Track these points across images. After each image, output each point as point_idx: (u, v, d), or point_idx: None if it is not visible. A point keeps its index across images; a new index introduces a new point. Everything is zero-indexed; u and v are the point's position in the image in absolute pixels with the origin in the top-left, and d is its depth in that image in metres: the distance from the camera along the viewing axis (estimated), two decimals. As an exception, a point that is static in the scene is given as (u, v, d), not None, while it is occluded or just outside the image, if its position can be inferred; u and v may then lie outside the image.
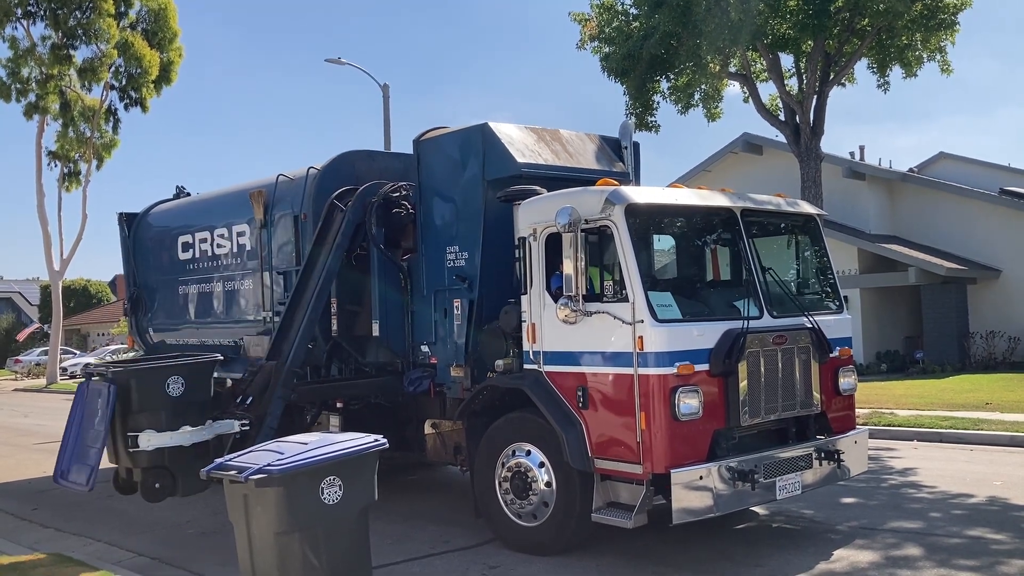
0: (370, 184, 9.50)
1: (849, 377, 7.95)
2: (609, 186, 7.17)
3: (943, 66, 19.14)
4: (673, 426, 6.73)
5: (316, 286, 9.18)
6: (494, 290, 8.48)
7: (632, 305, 6.81)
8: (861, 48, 19.05)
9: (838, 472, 7.68)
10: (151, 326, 13.25)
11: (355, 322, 9.75)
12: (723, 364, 6.91)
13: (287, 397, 8.99)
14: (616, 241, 6.95)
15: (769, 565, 7.09)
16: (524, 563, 7.32)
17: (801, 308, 7.64)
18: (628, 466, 6.89)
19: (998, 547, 7.45)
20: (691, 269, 7.93)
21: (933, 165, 32.35)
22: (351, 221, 9.27)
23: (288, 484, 5.51)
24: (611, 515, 7.00)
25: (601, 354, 7.04)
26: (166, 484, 7.75)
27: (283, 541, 5.57)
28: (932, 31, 18.24)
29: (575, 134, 9.09)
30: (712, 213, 7.56)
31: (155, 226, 13.29)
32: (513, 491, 7.64)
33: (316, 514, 5.64)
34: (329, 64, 29.12)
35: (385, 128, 29.00)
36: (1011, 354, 23.97)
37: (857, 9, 17.86)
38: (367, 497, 5.99)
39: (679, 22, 17.57)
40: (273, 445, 6.09)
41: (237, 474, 5.56)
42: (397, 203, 9.33)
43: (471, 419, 8.17)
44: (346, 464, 5.79)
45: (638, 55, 18.26)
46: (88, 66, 33.05)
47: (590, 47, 19.90)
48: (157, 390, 7.74)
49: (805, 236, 8.28)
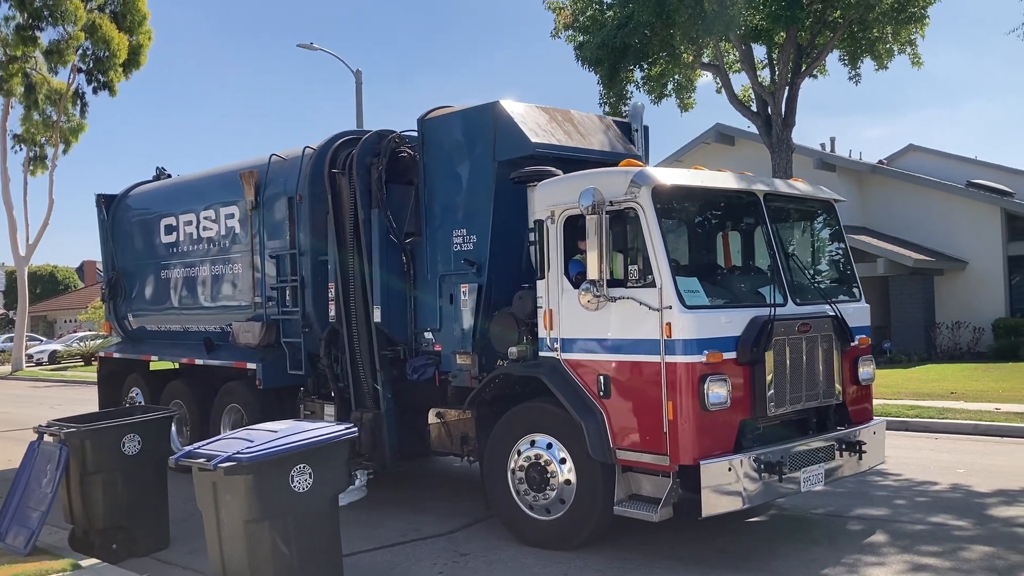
0: (363, 142, 8.93)
1: (868, 367, 7.63)
2: (633, 167, 6.75)
3: (913, 59, 19.25)
4: (701, 416, 6.35)
5: (366, 259, 8.75)
6: (503, 275, 8.03)
7: (659, 291, 6.40)
8: (833, 40, 19.02)
9: (858, 463, 7.36)
10: (130, 312, 12.58)
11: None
12: (751, 352, 6.54)
13: (391, 377, 8.71)
14: (642, 224, 6.53)
15: (731, 551, 6.93)
16: (495, 550, 7.16)
17: (824, 296, 7.29)
18: (653, 457, 6.50)
19: (960, 533, 7.43)
20: (714, 254, 7.53)
21: (902, 157, 32.44)
22: (363, 190, 8.76)
23: (258, 472, 5.43)
24: (634, 508, 6.61)
25: (625, 341, 6.63)
26: (124, 543, 7.36)
27: (252, 529, 5.49)
28: (902, 24, 18.32)
29: (586, 115, 8.65)
30: (736, 196, 7.18)
31: (135, 208, 12.61)
32: (528, 483, 7.22)
33: (286, 502, 5.57)
34: (301, 49, 28.45)
35: (358, 115, 28.34)
36: (975, 344, 24.09)
37: (829, 1, 17.85)
38: (338, 485, 5.97)
39: (653, 12, 17.45)
40: (243, 433, 6.00)
41: (206, 462, 5.48)
42: (399, 155, 8.82)
43: (481, 408, 7.73)
44: (316, 452, 5.72)
45: (612, 44, 18.09)
46: (54, 48, 31.78)
47: (564, 36, 19.72)
48: (112, 450, 7.26)
49: (823, 222, 7.93)
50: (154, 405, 9.95)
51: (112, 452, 7.20)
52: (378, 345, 8.81)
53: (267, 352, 9.96)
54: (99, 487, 7.17)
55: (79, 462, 7.11)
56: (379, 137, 8.96)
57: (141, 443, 7.32)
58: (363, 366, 8.93)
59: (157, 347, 12.07)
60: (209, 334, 11.03)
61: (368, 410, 8.86)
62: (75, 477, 7.14)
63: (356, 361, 9.01)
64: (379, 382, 8.77)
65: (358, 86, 28.18)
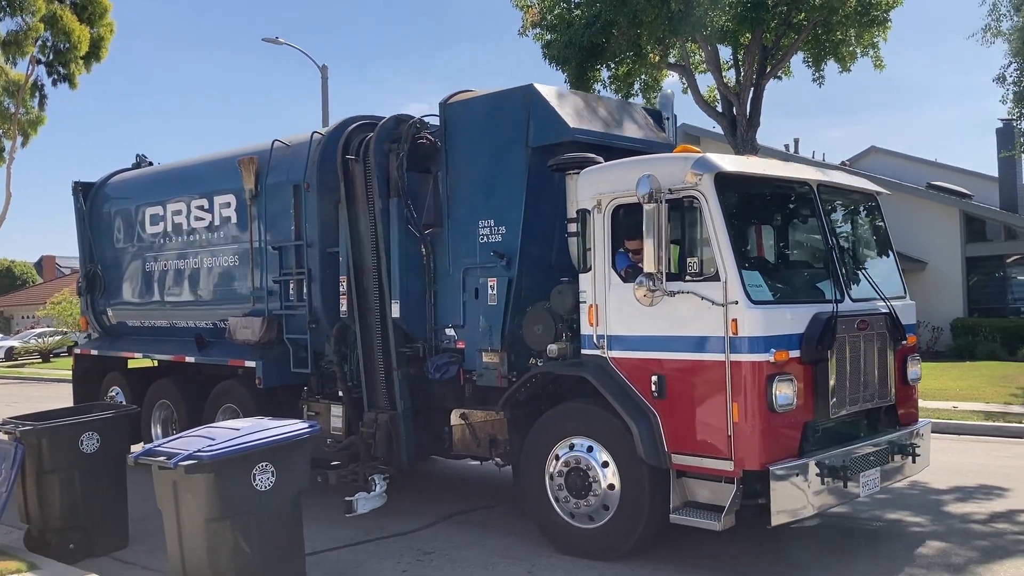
0: (381, 126, 8.32)
1: (916, 366, 7.26)
2: (691, 152, 6.27)
3: (876, 61, 19.38)
4: (768, 418, 5.89)
5: (382, 251, 8.18)
6: (534, 268, 7.52)
7: (724, 285, 5.93)
8: (797, 42, 19.05)
9: (909, 467, 6.98)
10: (110, 307, 11.75)
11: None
12: (815, 351, 6.11)
13: (409, 376, 8.16)
14: (705, 213, 6.05)
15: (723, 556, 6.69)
16: (460, 548, 7.04)
17: (878, 292, 6.90)
18: (714, 462, 6.02)
19: (918, 529, 7.40)
20: (772, 246, 7.10)
21: (864, 158, 32.62)
22: (381, 178, 8.14)
23: (219, 470, 5.36)
24: (694, 516, 6.11)
25: (684, 339, 6.14)
26: (82, 543, 7.07)
27: (214, 528, 5.43)
28: (866, 27, 18.45)
29: (616, 101, 8.20)
30: (793, 185, 6.74)
31: (116, 197, 11.78)
32: (568, 489, 6.70)
33: (248, 501, 5.50)
34: (267, 44, 27.56)
35: (323, 109, 27.56)
36: (934, 343, 24.23)
37: (794, 3, 17.87)
38: (300, 483, 5.88)
39: (620, 11, 17.39)
40: (204, 431, 5.93)
41: (166, 460, 5.39)
42: (418, 142, 8.17)
43: (514, 410, 7.19)
44: (279, 450, 5.66)
45: (579, 43, 17.97)
46: (13, 39, 30.27)
47: (532, 34, 19.57)
48: (70, 448, 7.02)
49: (868, 215, 7.54)
50: (123, 404, 9.20)
51: (69, 450, 7.00)
52: (396, 342, 8.21)
53: (267, 349, 9.29)
54: (56, 486, 6.96)
55: (35, 460, 6.90)
56: (397, 122, 8.36)
57: (100, 441, 7.11)
58: (378, 364, 8.32)
59: (140, 344, 11.27)
60: (200, 330, 10.29)
61: (383, 411, 8.25)
62: (31, 476, 6.94)
63: (371, 359, 8.39)
64: (396, 381, 8.18)
65: (324, 81, 27.50)
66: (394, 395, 8.19)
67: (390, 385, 8.23)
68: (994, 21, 19.55)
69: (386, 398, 8.25)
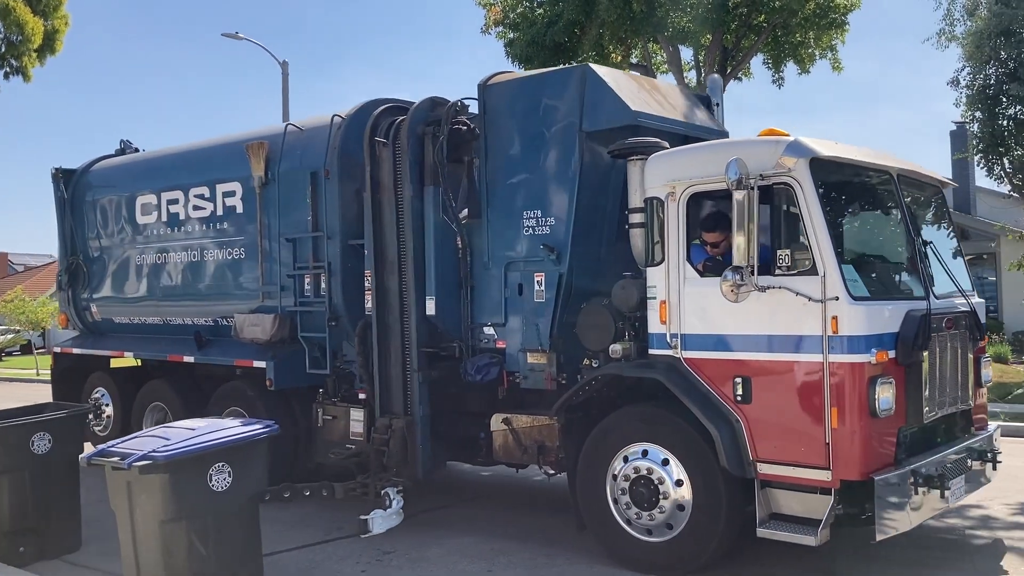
0: (416, 108, 7.67)
1: (988, 368, 6.86)
2: (781, 136, 5.76)
3: (834, 64, 19.61)
4: (870, 424, 5.41)
5: (408, 243, 7.53)
6: (585, 262, 6.96)
7: (822, 279, 5.42)
8: (757, 44, 19.11)
9: (989, 474, 6.57)
10: (94, 302, 10.87)
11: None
12: (911, 351, 5.65)
13: (429, 379, 7.52)
14: (799, 202, 5.54)
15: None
16: (420, 548, 6.91)
17: (959, 287, 6.47)
18: (807, 471, 5.51)
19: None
20: (860, 237, 6.62)
21: (823, 160, 32.61)
22: (413, 162, 7.49)
23: (174, 471, 5.27)
24: (786, 530, 5.59)
25: (774, 338, 5.62)
26: (33, 545, 6.85)
27: (168, 529, 5.33)
28: (824, 30, 18.64)
29: (668, 84, 7.65)
30: (880, 174, 6.26)
31: (101, 185, 10.89)
32: (633, 500, 6.15)
33: (204, 501, 5.41)
34: (226, 39, 26.64)
35: (284, 106, 26.75)
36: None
37: (754, 5, 17.91)
38: (258, 484, 5.80)
39: (583, 11, 17.37)
40: (159, 431, 5.83)
41: (120, 460, 5.28)
42: (458, 131, 7.51)
43: (569, 415, 6.62)
44: (236, 450, 5.57)
45: (542, 42, 17.87)
46: (-38, 31, 28.86)
47: (495, 32, 19.44)
48: (20, 449, 6.77)
49: (936, 208, 7.12)
50: (80, 405, 8.39)
51: (20, 451, 6.77)
52: (418, 341, 7.58)
53: (279, 349, 8.57)
54: (5, 488, 6.76)
55: None
56: (433, 104, 7.70)
57: (52, 442, 6.89)
58: (395, 365, 7.68)
59: (130, 342, 10.42)
60: (198, 328, 9.52)
61: (398, 416, 7.63)
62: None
63: (387, 360, 7.74)
64: (416, 384, 7.54)
65: (284, 77, 26.69)
66: (412, 399, 7.55)
67: (408, 389, 7.58)
68: (948, 26, 19.73)
69: (402, 403, 7.60)
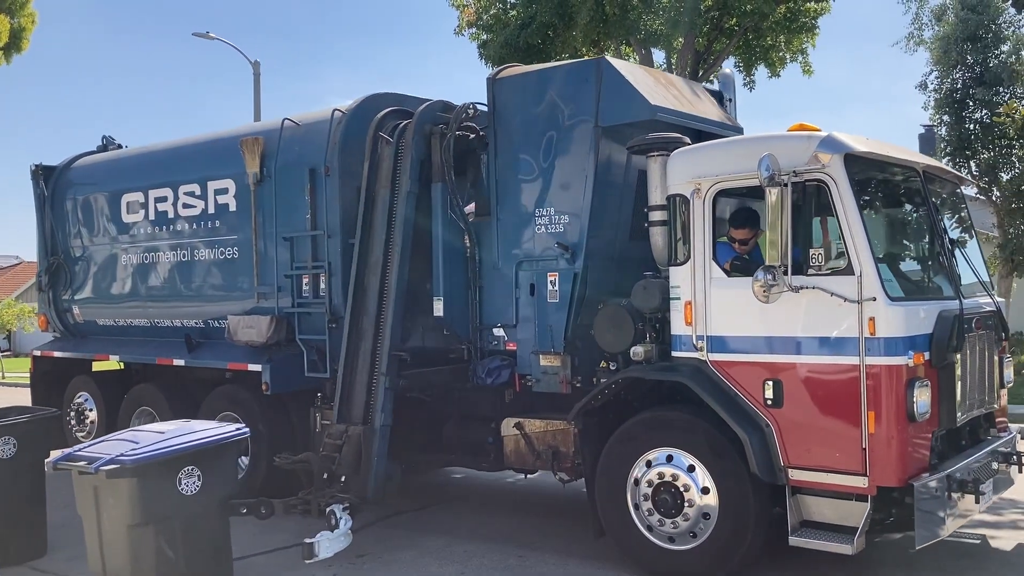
0: (425, 107, 7.37)
1: (1010, 368, 6.73)
2: (813, 131, 5.56)
3: (804, 67, 19.76)
4: (908, 428, 5.23)
5: (393, 244, 7.12)
6: (601, 262, 6.73)
7: (858, 279, 5.23)
8: (729, 47, 19.19)
9: (1010, 478, 6.42)
10: (76, 304, 10.43)
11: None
12: (945, 353, 5.47)
13: (396, 387, 6.99)
14: (834, 199, 5.34)
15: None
16: (393, 550, 6.83)
17: (985, 288, 6.33)
18: (843, 478, 5.31)
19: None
20: (892, 236, 6.44)
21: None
22: (416, 160, 7.17)
23: (143, 475, 5.20)
24: (820, 538, 5.39)
25: (807, 340, 5.41)
26: None
27: (136, 534, 5.25)
28: (795, 33, 18.81)
29: (681, 80, 7.44)
30: (908, 171, 6.08)
31: (83, 183, 10.46)
32: (656, 507, 5.92)
33: (172, 505, 5.32)
34: (197, 38, 26.12)
35: (255, 106, 26.29)
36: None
37: (725, 9, 17.95)
38: (228, 487, 5.72)
39: (556, 13, 17.36)
40: (128, 434, 5.74)
41: (87, 465, 5.21)
42: (468, 143, 7.26)
43: (586, 419, 6.37)
44: (205, 454, 5.48)
45: (515, 44, 17.81)
46: (-75, 27, 27.97)
47: (468, 33, 19.41)
48: None
49: (954, 205, 6.98)
50: (46, 409, 8.00)
51: None
52: (391, 345, 7.04)
53: (275, 352, 8.23)
54: None
55: None
56: (444, 106, 7.42)
57: (16, 446, 6.74)
58: (362, 371, 7.13)
59: (115, 345, 10.01)
60: (188, 330, 9.15)
61: (356, 424, 7.03)
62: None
63: (354, 363, 7.21)
64: (381, 390, 6.94)
65: (256, 77, 26.22)
66: (375, 407, 6.95)
67: (372, 396, 6.99)
68: (916, 30, 20.04)
69: (363, 410, 7.02)
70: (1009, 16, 18.37)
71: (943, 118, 18.68)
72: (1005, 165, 18.08)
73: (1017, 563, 6.36)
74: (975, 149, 18.32)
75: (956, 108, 18.44)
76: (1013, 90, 17.75)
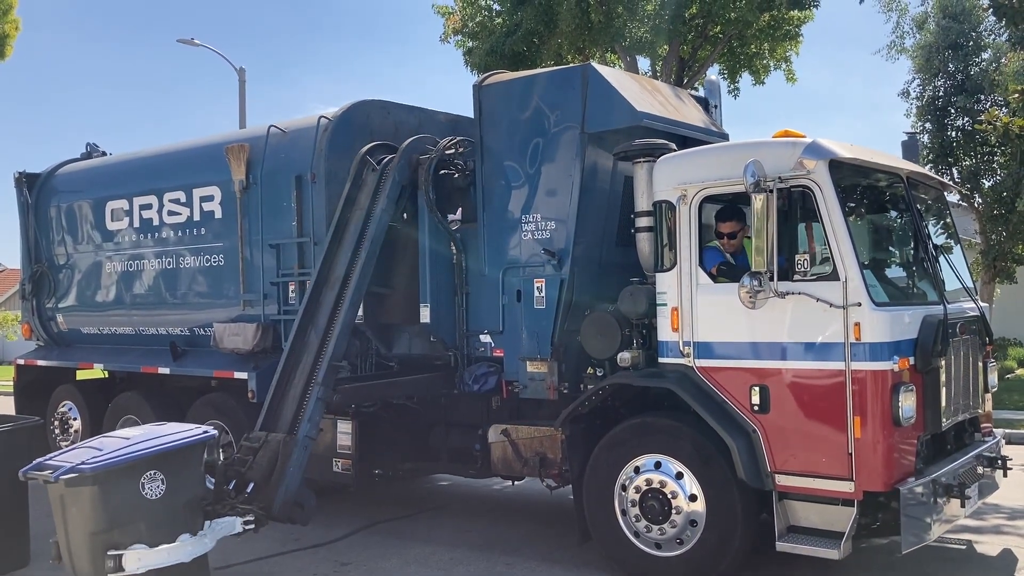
0: (414, 140, 7.39)
1: (994, 373, 6.75)
2: (798, 137, 5.57)
3: (788, 75, 19.79)
4: (894, 433, 5.23)
5: (357, 258, 6.99)
6: (587, 268, 6.72)
7: (843, 284, 5.24)
8: (713, 54, 19.19)
9: (995, 482, 6.44)
10: (60, 312, 10.33)
11: (382, 307, 7.63)
12: (930, 358, 5.48)
13: (328, 398, 6.70)
14: (819, 205, 5.35)
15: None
16: (378, 559, 6.80)
17: (969, 292, 6.35)
18: (830, 483, 5.31)
19: None
20: (875, 241, 6.46)
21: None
22: (396, 182, 7.14)
23: (104, 482, 5.20)
24: (808, 543, 5.38)
25: (793, 345, 5.42)
26: None
27: (99, 541, 5.22)
28: (778, 41, 18.87)
29: (666, 86, 7.44)
30: (893, 176, 6.10)
31: (67, 190, 10.38)
32: (644, 514, 5.90)
33: (136, 510, 5.30)
34: (182, 45, 26.00)
35: (240, 112, 26.11)
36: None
37: (710, 17, 17.98)
38: (194, 489, 5.67)
39: (541, 20, 17.29)
40: (95, 442, 5.70)
41: (50, 475, 5.21)
42: (449, 164, 7.31)
43: (573, 425, 6.35)
44: (169, 457, 5.47)
45: (501, 51, 17.74)
46: (-92, 32, 27.73)
47: (453, 41, 19.34)
48: None
49: (938, 211, 6.99)
50: (29, 418, 7.80)
51: None
52: (334, 352, 6.76)
53: (261, 359, 8.16)
54: None
55: None
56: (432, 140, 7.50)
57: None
58: (298, 383, 6.76)
59: (99, 353, 9.92)
60: (172, 337, 9.08)
61: (277, 432, 6.56)
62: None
63: (291, 373, 6.87)
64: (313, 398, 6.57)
65: (241, 84, 26.07)
66: (302, 416, 6.55)
67: (302, 405, 6.61)
68: (898, 39, 20.18)
69: (291, 420, 6.59)
70: (989, 24, 18.50)
71: (925, 125, 18.80)
72: (987, 172, 18.20)
73: (1002, 568, 6.38)
74: (957, 156, 18.44)
75: (938, 116, 18.57)
76: (994, 98, 17.85)
